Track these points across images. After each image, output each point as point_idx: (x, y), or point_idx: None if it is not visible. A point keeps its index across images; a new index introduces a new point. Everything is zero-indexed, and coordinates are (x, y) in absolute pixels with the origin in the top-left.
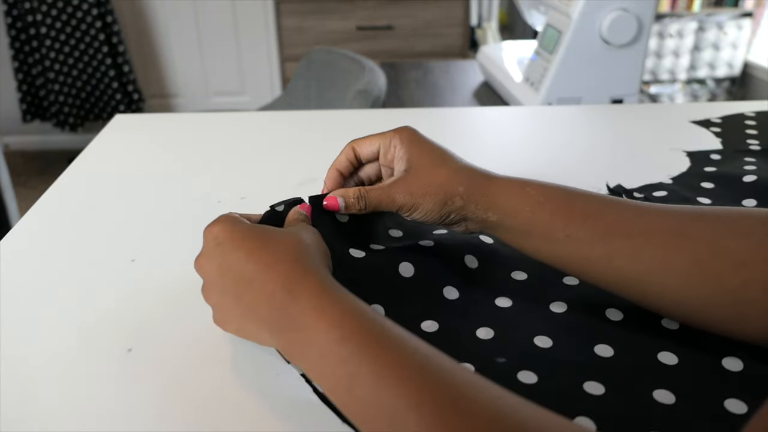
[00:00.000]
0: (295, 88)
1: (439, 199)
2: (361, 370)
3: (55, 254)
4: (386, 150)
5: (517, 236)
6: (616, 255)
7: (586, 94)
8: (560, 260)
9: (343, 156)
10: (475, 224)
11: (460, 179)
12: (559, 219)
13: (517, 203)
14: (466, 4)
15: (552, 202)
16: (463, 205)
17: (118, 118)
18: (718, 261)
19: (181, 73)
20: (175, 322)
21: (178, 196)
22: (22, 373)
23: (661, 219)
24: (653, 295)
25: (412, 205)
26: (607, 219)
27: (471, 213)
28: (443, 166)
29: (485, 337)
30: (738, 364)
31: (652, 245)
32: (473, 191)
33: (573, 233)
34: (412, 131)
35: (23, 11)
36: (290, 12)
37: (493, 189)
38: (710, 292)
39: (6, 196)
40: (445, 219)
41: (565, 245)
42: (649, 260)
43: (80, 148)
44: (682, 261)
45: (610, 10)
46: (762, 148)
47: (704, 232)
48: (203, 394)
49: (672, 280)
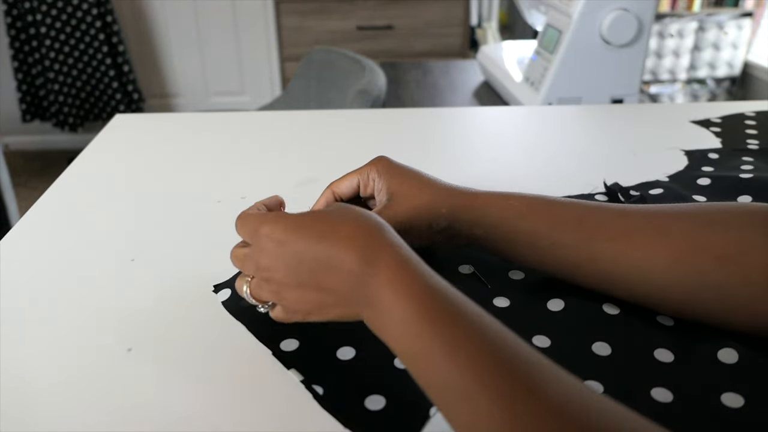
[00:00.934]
0: (295, 88)
1: (425, 223)
2: (434, 347)
3: (55, 254)
4: (365, 184)
5: (503, 247)
6: (600, 258)
7: (586, 94)
8: (547, 267)
9: (322, 200)
10: (461, 240)
11: (442, 200)
12: (542, 227)
13: (501, 216)
14: (466, 4)
15: (535, 212)
16: (449, 224)
17: (118, 118)
18: (698, 256)
19: (181, 73)
20: (175, 322)
21: (178, 196)
22: (22, 373)
23: (642, 219)
24: (640, 294)
25: (399, 231)
26: (589, 224)
27: (456, 231)
28: (424, 189)
29: None
30: (733, 355)
31: (634, 246)
32: (456, 210)
33: (557, 240)
34: (387, 161)
35: (23, 11)
36: (290, 12)
37: (476, 204)
38: (693, 286)
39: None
40: (432, 239)
41: (551, 252)
42: (631, 260)
43: (80, 148)
44: (663, 259)
45: (611, 10)
46: (760, 148)
47: (683, 229)
48: (203, 394)
49: (655, 278)
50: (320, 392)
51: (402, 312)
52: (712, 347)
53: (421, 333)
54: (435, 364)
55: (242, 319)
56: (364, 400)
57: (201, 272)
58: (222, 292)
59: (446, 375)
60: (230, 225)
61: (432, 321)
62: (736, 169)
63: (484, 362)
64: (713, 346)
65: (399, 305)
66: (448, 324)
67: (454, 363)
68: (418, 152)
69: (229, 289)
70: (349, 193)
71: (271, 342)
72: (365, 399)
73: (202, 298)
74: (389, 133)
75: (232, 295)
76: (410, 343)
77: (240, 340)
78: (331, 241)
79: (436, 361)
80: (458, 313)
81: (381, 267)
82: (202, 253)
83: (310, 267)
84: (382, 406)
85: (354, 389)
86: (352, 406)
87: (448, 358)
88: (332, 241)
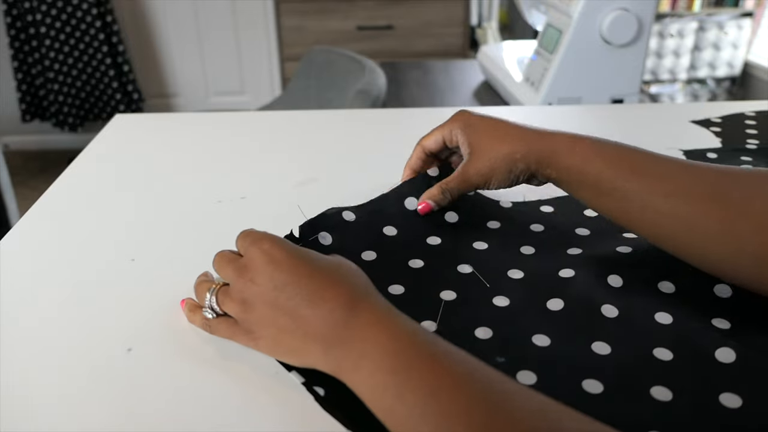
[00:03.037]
0: (295, 88)
1: (505, 168)
2: (412, 379)
3: (55, 254)
4: (449, 139)
5: (572, 188)
6: (653, 211)
7: (587, 94)
8: (606, 211)
9: (414, 156)
10: (542, 179)
11: (516, 147)
12: (607, 173)
13: (567, 158)
14: (466, 4)
15: (601, 158)
16: (526, 167)
17: (118, 118)
18: (741, 223)
19: (181, 73)
20: (175, 322)
21: (178, 196)
22: (22, 373)
23: (700, 179)
24: (683, 248)
25: (485, 181)
26: (651, 176)
27: (534, 171)
28: (501, 140)
29: (484, 336)
30: (731, 354)
31: (686, 205)
32: (530, 154)
33: (618, 186)
34: (467, 116)
35: (23, 11)
36: (290, 12)
37: (547, 148)
38: (732, 252)
39: (6, 196)
40: (516, 182)
41: (611, 197)
42: (680, 219)
43: (80, 148)
44: (709, 222)
45: (611, 10)
46: (759, 147)
47: (735, 195)
48: (203, 394)
49: (699, 239)
50: (321, 393)
51: (383, 348)
52: (711, 346)
53: (402, 367)
54: (414, 393)
55: None
56: None
57: (201, 272)
58: None
59: (425, 404)
60: (230, 225)
61: (414, 355)
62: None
63: (464, 390)
64: (712, 345)
65: (380, 342)
66: (428, 358)
67: (435, 391)
68: None
69: None
70: (437, 148)
71: None
72: None
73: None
74: (389, 133)
75: None
76: (386, 378)
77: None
78: (318, 282)
79: (416, 391)
80: (436, 349)
81: (363, 310)
82: (202, 253)
83: (290, 294)
84: None
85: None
86: (352, 407)
87: (428, 386)
88: (319, 282)
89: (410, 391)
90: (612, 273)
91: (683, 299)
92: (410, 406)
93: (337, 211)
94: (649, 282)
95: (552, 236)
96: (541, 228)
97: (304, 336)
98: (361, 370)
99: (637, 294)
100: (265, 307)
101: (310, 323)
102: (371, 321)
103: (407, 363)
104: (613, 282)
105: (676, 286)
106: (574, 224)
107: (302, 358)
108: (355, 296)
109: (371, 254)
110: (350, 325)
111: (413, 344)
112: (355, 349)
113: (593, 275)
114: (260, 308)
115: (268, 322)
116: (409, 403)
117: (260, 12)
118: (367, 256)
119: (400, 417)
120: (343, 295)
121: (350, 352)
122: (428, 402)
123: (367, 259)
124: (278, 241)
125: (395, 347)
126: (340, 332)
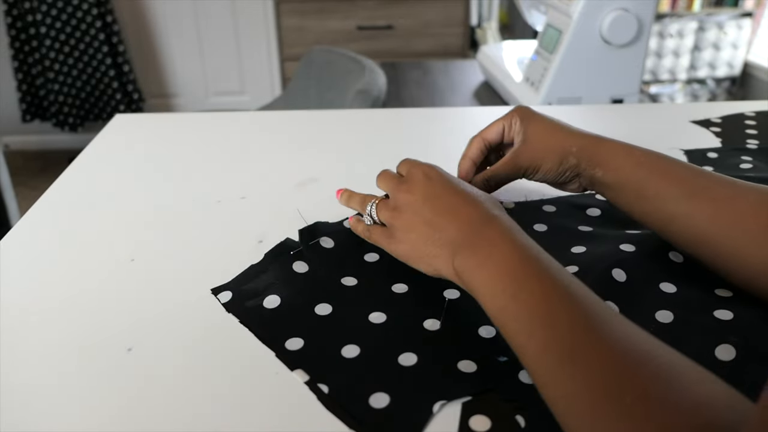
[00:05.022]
0: (295, 88)
1: (556, 158)
2: (528, 284)
3: (55, 254)
4: (509, 128)
5: (615, 192)
6: (698, 214)
7: (586, 94)
8: (646, 216)
9: (474, 147)
10: (585, 180)
11: (573, 141)
12: (653, 178)
13: (621, 161)
14: (466, 4)
15: (651, 163)
16: (577, 162)
17: (118, 118)
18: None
19: (181, 73)
20: (175, 322)
21: (178, 196)
22: (22, 373)
23: (748, 190)
24: (724, 255)
25: (535, 167)
26: (697, 182)
27: (582, 170)
28: (557, 132)
29: (486, 335)
30: (731, 352)
31: (732, 209)
32: (585, 150)
33: (662, 191)
34: (527, 109)
35: (23, 11)
36: (290, 12)
37: (602, 148)
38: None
39: (6, 196)
40: (561, 177)
41: (654, 201)
42: (725, 222)
43: (80, 147)
44: (756, 225)
45: (611, 10)
46: (759, 147)
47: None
48: (203, 394)
49: (743, 242)
50: (325, 391)
51: (509, 255)
52: (710, 344)
53: (522, 272)
54: (529, 293)
55: (246, 321)
56: (369, 398)
57: (201, 272)
58: (222, 294)
59: (536, 305)
60: (230, 225)
61: (533, 265)
62: (735, 168)
63: (569, 299)
64: (711, 343)
65: (506, 250)
66: (544, 270)
67: (545, 297)
68: (418, 152)
69: (229, 291)
70: (497, 139)
71: (275, 343)
72: (370, 397)
73: (202, 298)
74: (389, 133)
75: (234, 297)
76: (506, 279)
77: (240, 340)
78: (463, 197)
79: (532, 292)
80: (553, 265)
81: (496, 223)
82: (202, 253)
83: (437, 205)
84: (386, 404)
85: (358, 387)
86: (356, 404)
87: (542, 291)
88: (464, 197)
89: (524, 294)
90: (616, 270)
91: (685, 296)
92: (522, 306)
93: (339, 222)
94: (652, 280)
95: (556, 235)
96: (545, 228)
97: (438, 242)
98: (484, 270)
99: (641, 291)
100: (413, 214)
101: (446, 230)
102: (499, 232)
103: (526, 271)
104: (618, 278)
105: (677, 286)
106: (577, 223)
107: (432, 262)
108: (488, 213)
109: (374, 256)
110: (481, 234)
111: (532, 257)
112: (482, 253)
113: (598, 273)
114: (407, 215)
115: (411, 228)
116: (521, 304)
117: (260, 12)
118: (370, 257)
119: (511, 314)
120: (478, 210)
121: (477, 254)
122: (539, 304)
123: (370, 261)
124: (436, 167)
125: (518, 255)
126: (471, 238)
